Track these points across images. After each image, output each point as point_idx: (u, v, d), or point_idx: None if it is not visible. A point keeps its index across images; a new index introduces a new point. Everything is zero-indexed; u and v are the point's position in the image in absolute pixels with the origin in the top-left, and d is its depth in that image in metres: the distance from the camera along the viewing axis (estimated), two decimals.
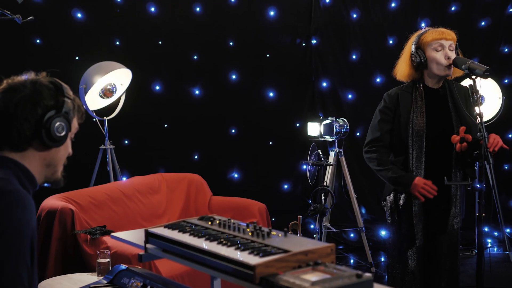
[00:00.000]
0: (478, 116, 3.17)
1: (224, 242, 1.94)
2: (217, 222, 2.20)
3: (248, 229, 2.07)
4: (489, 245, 6.62)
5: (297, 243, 1.87)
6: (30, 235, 1.84)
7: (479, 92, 3.15)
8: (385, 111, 3.53)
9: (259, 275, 1.69)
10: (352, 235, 6.86)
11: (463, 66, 3.25)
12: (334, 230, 6.15)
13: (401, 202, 3.51)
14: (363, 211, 7.12)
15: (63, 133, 1.99)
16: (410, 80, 3.57)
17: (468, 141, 3.29)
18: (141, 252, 2.22)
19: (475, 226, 6.40)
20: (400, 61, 3.63)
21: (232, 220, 2.19)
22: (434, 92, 3.50)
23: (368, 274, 1.67)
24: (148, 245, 2.21)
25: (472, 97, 3.20)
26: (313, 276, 1.66)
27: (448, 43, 3.41)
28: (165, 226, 2.22)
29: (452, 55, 3.39)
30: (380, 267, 5.97)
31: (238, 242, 1.92)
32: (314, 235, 5.59)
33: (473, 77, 3.20)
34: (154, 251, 2.18)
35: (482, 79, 3.21)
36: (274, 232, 2.01)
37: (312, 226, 6.92)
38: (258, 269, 1.69)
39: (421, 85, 3.50)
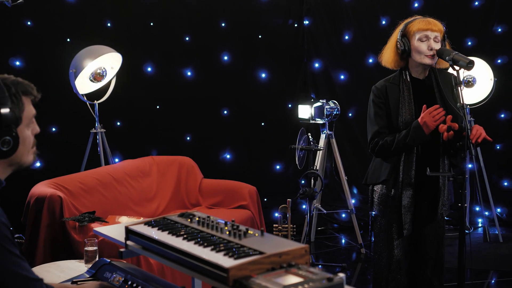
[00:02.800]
0: (461, 108, 3.18)
1: (201, 242, 1.97)
2: (197, 219, 2.23)
3: (226, 228, 2.09)
4: (480, 224, 6.67)
5: (272, 244, 1.90)
6: (4, 231, 1.88)
7: (463, 84, 3.15)
8: (378, 103, 3.52)
9: (232, 278, 1.72)
10: (343, 215, 6.92)
11: (447, 58, 3.25)
12: (325, 211, 6.20)
13: (392, 193, 3.53)
14: (355, 191, 7.17)
15: (10, 146, 1.97)
16: (394, 68, 3.57)
17: (454, 129, 3.30)
18: (122, 249, 2.25)
19: (467, 206, 6.48)
20: (386, 48, 3.62)
21: (211, 218, 2.21)
22: (421, 83, 3.51)
23: (339, 277, 1.69)
24: (128, 242, 2.23)
25: (456, 89, 3.21)
26: (285, 280, 1.68)
27: (434, 34, 3.40)
28: (145, 223, 2.24)
29: (436, 46, 3.38)
30: (370, 248, 6.03)
31: (214, 242, 1.95)
32: (306, 215, 5.63)
33: (457, 68, 3.20)
34: (134, 248, 2.20)
35: (476, 61, 3.18)
36: (251, 231, 2.03)
37: (304, 207, 6.96)
38: (232, 272, 1.72)
39: (408, 76, 3.50)
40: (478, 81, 6.10)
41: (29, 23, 6.26)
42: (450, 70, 3.40)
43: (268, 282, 1.67)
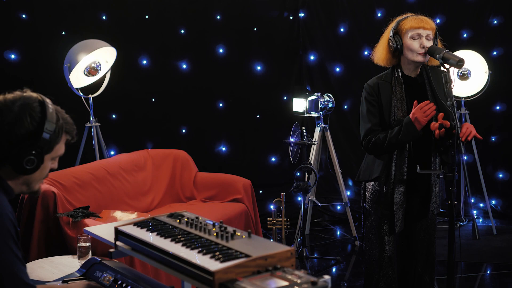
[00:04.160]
0: (451, 106, 3.18)
1: (188, 244, 1.98)
2: (185, 220, 2.25)
3: (214, 229, 2.11)
4: (474, 216, 6.69)
5: (259, 247, 1.91)
6: (10, 228, 1.94)
7: (453, 82, 3.17)
8: (370, 101, 3.53)
9: (218, 281, 1.74)
10: (338, 207, 6.95)
11: (437, 56, 3.26)
12: (320, 204, 6.24)
13: (384, 190, 3.54)
14: (350, 183, 7.19)
15: (33, 166, 2.03)
16: (387, 65, 3.58)
17: (446, 127, 3.32)
18: (112, 250, 2.27)
19: (460, 198, 6.50)
20: (378, 45, 3.62)
21: (199, 219, 2.23)
22: (413, 81, 3.52)
23: (323, 280, 1.70)
24: (118, 243, 2.25)
25: (446, 87, 3.21)
26: (270, 283, 1.70)
27: (426, 32, 3.40)
28: (134, 224, 2.26)
29: (428, 44, 3.38)
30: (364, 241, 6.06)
31: (202, 245, 1.96)
32: (300, 208, 5.67)
33: (447, 66, 3.21)
34: (123, 249, 2.22)
35: (471, 54, 3.18)
36: (238, 233, 2.05)
37: (299, 199, 6.99)
38: (218, 275, 1.74)
39: (400, 73, 3.51)
40: (473, 74, 6.12)
41: (24, 16, 6.26)
42: (442, 68, 3.40)
43: (253, 285, 1.69)
